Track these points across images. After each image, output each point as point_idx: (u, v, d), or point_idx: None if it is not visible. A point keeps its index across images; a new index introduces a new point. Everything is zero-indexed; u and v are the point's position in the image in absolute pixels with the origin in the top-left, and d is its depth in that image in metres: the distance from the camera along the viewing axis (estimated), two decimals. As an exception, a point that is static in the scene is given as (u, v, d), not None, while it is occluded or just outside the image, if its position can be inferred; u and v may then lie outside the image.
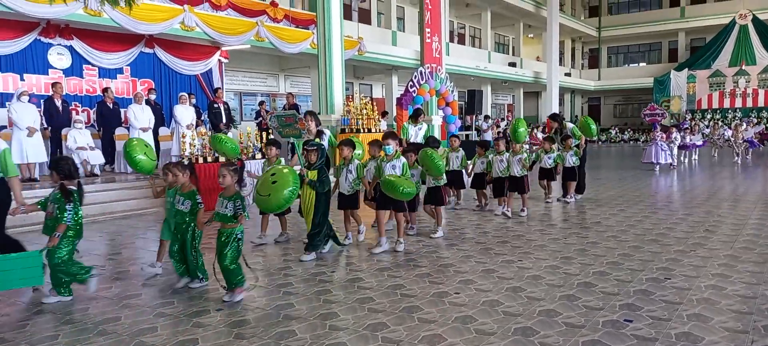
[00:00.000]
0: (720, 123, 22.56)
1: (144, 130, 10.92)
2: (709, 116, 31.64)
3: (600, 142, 32.66)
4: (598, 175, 14.31)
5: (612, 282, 4.80)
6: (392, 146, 6.24)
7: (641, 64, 39.75)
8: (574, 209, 8.88)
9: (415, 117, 10.55)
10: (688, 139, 17.08)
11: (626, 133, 34.44)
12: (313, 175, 5.75)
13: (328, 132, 7.46)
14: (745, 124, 20.25)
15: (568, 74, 36.38)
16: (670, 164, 15.41)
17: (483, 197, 9.00)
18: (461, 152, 8.61)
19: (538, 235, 6.90)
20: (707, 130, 19.36)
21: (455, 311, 4.15)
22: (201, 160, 9.14)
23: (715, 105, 33.42)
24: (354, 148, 6.47)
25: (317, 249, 5.82)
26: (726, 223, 7.47)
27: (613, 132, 34.75)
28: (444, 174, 6.86)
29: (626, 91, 38.14)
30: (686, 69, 34.50)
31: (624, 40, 39.50)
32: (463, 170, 8.67)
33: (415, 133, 10.26)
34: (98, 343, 3.69)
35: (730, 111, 32.50)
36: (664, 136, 15.72)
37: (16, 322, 4.14)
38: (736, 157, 17.61)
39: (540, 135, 22.37)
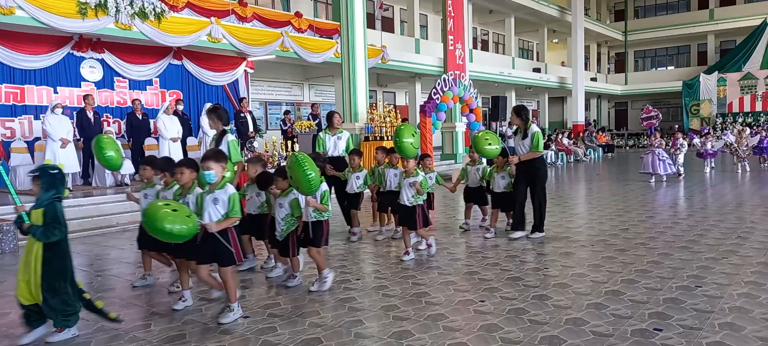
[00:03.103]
0: (746, 129, 21.52)
1: (173, 140, 11.15)
2: (740, 120, 30.85)
3: (627, 148, 32.11)
4: (627, 179, 14.09)
5: (641, 290, 4.73)
6: (214, 172, 4.16)
7: (669, 68, 39.03)
8: (598, 221, 8.72)
9: (330, 122, 7.80)
10: (709, 146, 16.26)
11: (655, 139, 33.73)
12: (36, 216, 3.72)
13: (231, 136, 5.90)
14: (748, 130, 18.99)
15: (593, 79, 35.93)
16: (677, 174, 13.80)
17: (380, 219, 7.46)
18: (400, 169, 6.65)
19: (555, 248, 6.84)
20: (727, 136, 18.10)
21: (480, 319, 4.14)
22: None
23: (747, 109, 32.63)
24: (197, 170, 4.37)
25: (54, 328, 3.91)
26: (759, 230, 7.29)
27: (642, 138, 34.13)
28: (329, 206, 4.90)
29: (654, 95, 37.43)
30: (716, 72, 33.79)
31: (651, 43, 38.86)
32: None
33: (334, 145, 7.68)
34: (129, 349, 3.78)
35: (762, 115, 31.71)
36: (662, 142, 13.95)
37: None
38: (742, 163, 15.81)
39: (566, 140, 22.16)
